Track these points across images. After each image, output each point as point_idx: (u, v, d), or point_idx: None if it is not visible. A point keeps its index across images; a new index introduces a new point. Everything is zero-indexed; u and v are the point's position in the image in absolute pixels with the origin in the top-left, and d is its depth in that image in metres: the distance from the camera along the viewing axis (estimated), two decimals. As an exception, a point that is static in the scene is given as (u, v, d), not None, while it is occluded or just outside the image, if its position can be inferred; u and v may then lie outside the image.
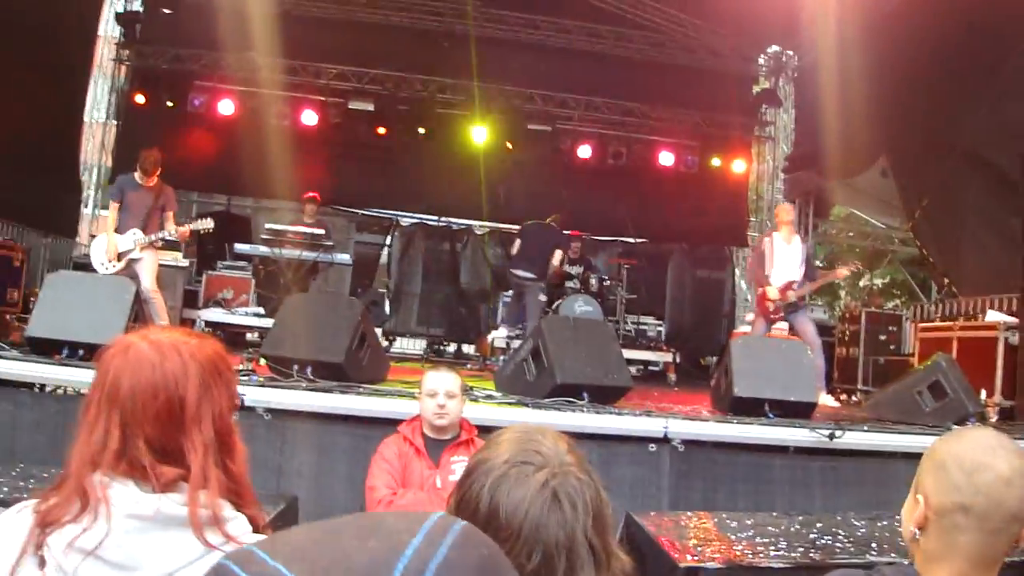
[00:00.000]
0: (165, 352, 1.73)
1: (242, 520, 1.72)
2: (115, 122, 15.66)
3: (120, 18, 15.25)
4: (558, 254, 11.73)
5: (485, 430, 4.63)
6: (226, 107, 14.86)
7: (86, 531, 1.60)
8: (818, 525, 4.11)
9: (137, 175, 9.08)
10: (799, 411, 6.49)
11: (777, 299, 9.07)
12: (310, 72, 15.11)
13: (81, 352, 6.05)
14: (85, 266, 11.28)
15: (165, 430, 1.69)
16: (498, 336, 12.08)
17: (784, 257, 9.26)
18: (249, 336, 12.08)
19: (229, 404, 1.80)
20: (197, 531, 1.64)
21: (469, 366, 11.55)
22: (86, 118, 15.39)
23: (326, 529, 0.89)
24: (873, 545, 3.59)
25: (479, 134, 15.37)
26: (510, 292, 13.87)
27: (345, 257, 11.96)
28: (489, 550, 0.87)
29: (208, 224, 9.50)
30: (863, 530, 4.05)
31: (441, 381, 4.34)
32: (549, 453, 1.45)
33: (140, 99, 14.83)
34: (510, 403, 6.10)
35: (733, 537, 3.89)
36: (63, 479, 1.68)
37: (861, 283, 21.52)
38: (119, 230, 8.92)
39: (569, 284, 12.62)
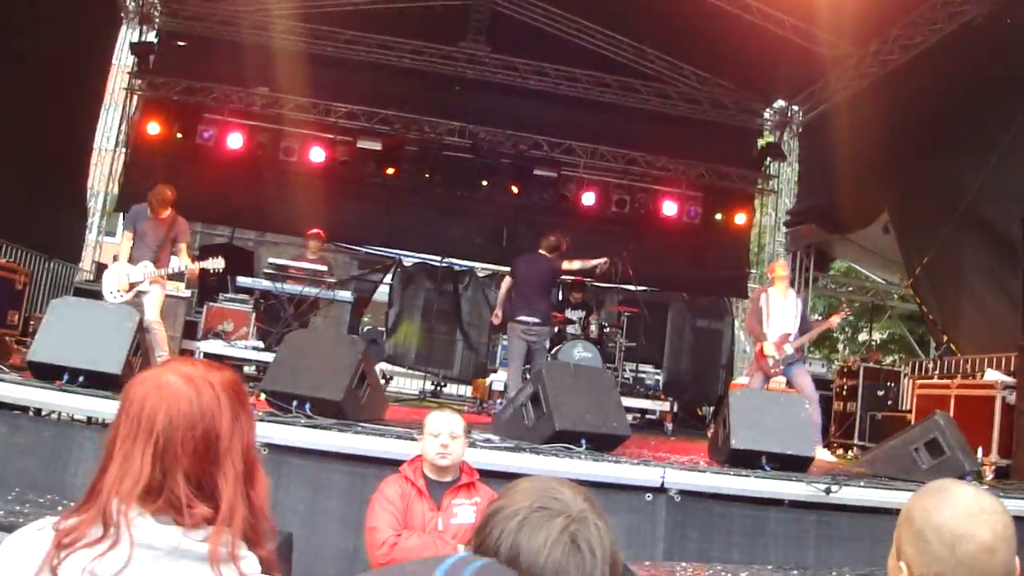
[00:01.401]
0: (199, 385, 1.74)
1: (253, 559, 1.73)
2: (124, 150, 15.76)
3: (134, 48, 15.40)
4: (552, 292, 11.10)
5: (483, 474, 4.64)
6: (235, 140, 14.97)
7: (104, 557, 1.60)
8: (812, 581, 4.11)
9: (150, 209, 9.15)
10: (796, 465, 6.48)
11: (772, 354, 9.12)
12: (320, 110, 15.25)
13: (81, 378, 6.05)
14: (87, 292, 11.33)
15: (202, 463, 1.70)
16: (496, 379, 12.06)
17: (780, 311, 9.31)
18: (247, 369, 12.07)
19: (253, 434, 1.82)
20: (215, 567, 1.65)
21: (466, 408, 11.55)
22: (95, 145, 15.49)
23: None
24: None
25: (484, 178, 15.47)
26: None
27: (346, 294, 11.99)
28: None
29: (219, 264, 9.54)
30: (857, 587, 4.05)
31: (445, 422, 4.35)
32: (567, 500, 1.48)
33: (152, 129, 14.93)
34: (508, 448, 6.08)
35: (728, 590, 3.90)
36: (87, 503, 1.68)
37: (860, 338, 21.53)
38: (131, 260, 8.97)
39: (570, 330, 12.61)
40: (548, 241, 10.76)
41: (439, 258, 15.86)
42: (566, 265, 10.61)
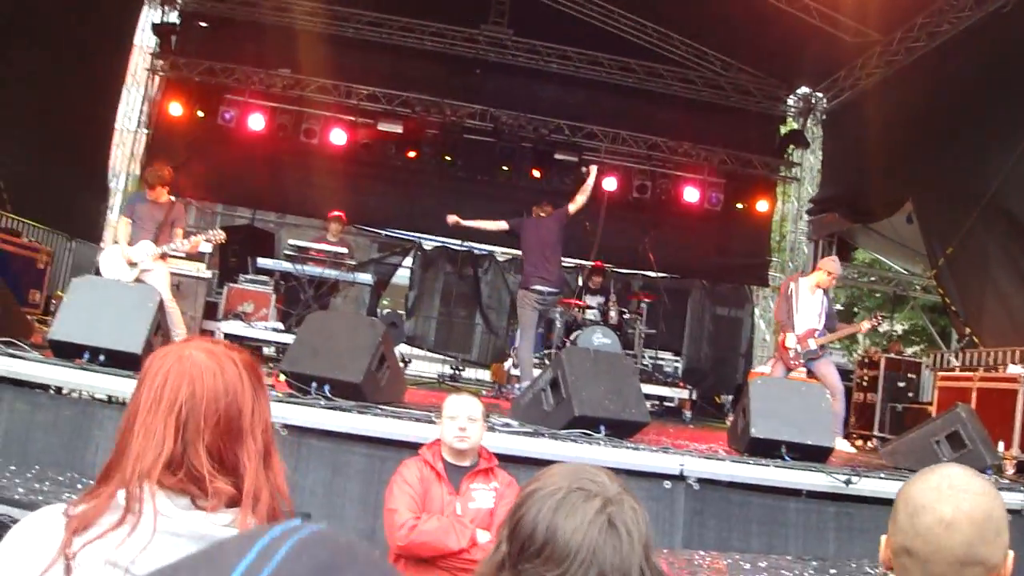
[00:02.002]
0: (222, 361, 1.73)
1: None
2: (146, 131, 15.81)
3: (156, 29, 15.44)
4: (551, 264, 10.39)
5: (502, 459, 4.63)
6: (256, 122, 14.98)
7: (122, 542, 1.57)
8: (832, 571, 4.09)
9: (147, 191, 9.15)
10: (815, 455, 6.45)
11: (794, 346, 9.05)
12: (341, 92, 15.24)
13: (102, 357, 6.09)
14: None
15: (223, 439, 1.68)
16: (515, 364, 12.04)
17: (807, 305, 9.24)
18: (267, 351, 12.11)
19: (270, 415, 1.80)
20: None
21: (484, 392, 11.53)
22: (117, 126, 15.55)
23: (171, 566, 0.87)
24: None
25: (505, 162, 15.44)
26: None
27: (366, 277, 12.01)
28: (331, 554, 0.81)
29: (219, 235, 9.50)
30: (877, 579, 4.01)
31: (463, 405, 4.33)
32: (604, 483, 1.50)
33: (174, 109, 14.97)
34: (527, 432, 6.08)
35: (747, 579, 3.87)
36: (102, 485, 1.65)
37: (881, 328, 21.40)
38: (130, 243, 8.97)
39: (589, 316, 12.58)
40: (543, 207, 10.70)
41: (459, 242, 15.85)
42: (573, 207, 10.39)
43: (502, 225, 10.46)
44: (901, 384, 12.07)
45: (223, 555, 0.82)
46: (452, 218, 10.43)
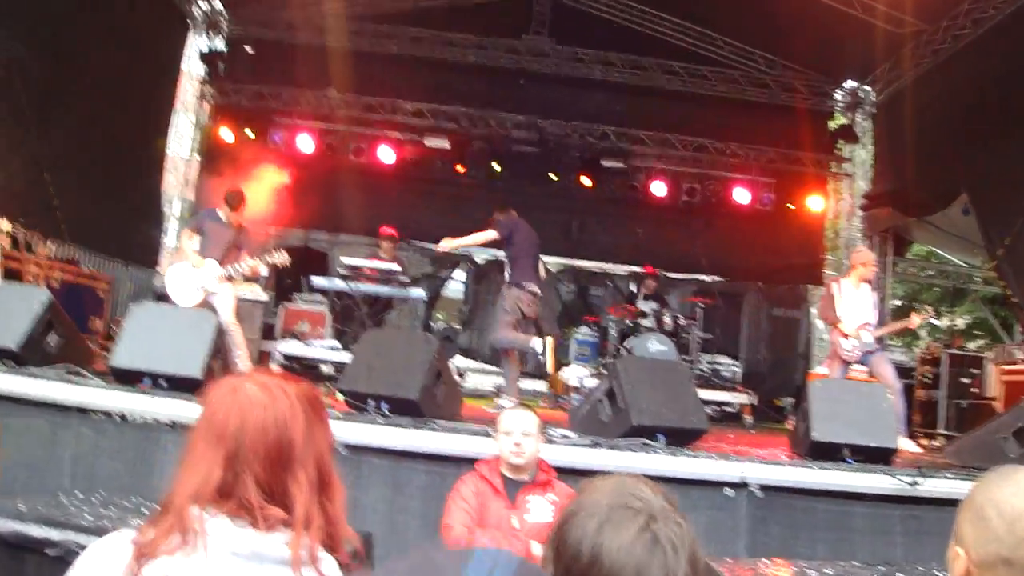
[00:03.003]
0: (274, 393, 1.77)
1: (332, 561, 1.76)
2: (197, 157, 16.07)
3: (204, 56, 15.72)
4: (541, 266, 10.21)
5: (561, 471, 4.62)
6: (305, 143, 15.20)
7: (183, 565, 1.63)
8: (900, 576, 4.02)
9: (222, 211, 9.26)
10: (879, 457, 6.33)
11: (852, 335, 8.90)
12: (387, 109, 15.38)
13: (163, 382, 6.19)
14: (166, 296, 11.57)
15: (273, 469, 1.72)
16: (571, 374, 12.01)
17: (853, 300, 9.09)
18: (324, 369, 12.23)
19: (329, 446, 1.84)
20: (296, 570, 1.67)
21: (541, 403, 11.53)
22: (169, 152, 15.83)
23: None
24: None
25: (552, 171, 15.45)
26: (584, 329, 13.84)
27: (419, 293, 12.07)
28: None
29: (284, 258, 9.61)
30: (948, 582, 3.93)
31: (518, 420, 4.35)
32: (647, 498, 1.49)
33: (224, 134, 15.23)
34: (585, 444, 6.05)
35: (813, 587, 3.82)
36: (163, 512, 1.71)
37: (942, 323, 21.05)
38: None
39: (644, 322, 12.51)
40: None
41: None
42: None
43: (491, 234, 9.86)
44: (964, 380, 11.82)
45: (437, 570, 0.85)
46: (444, 244, 10.06)
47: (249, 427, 1.72)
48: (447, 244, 9.97)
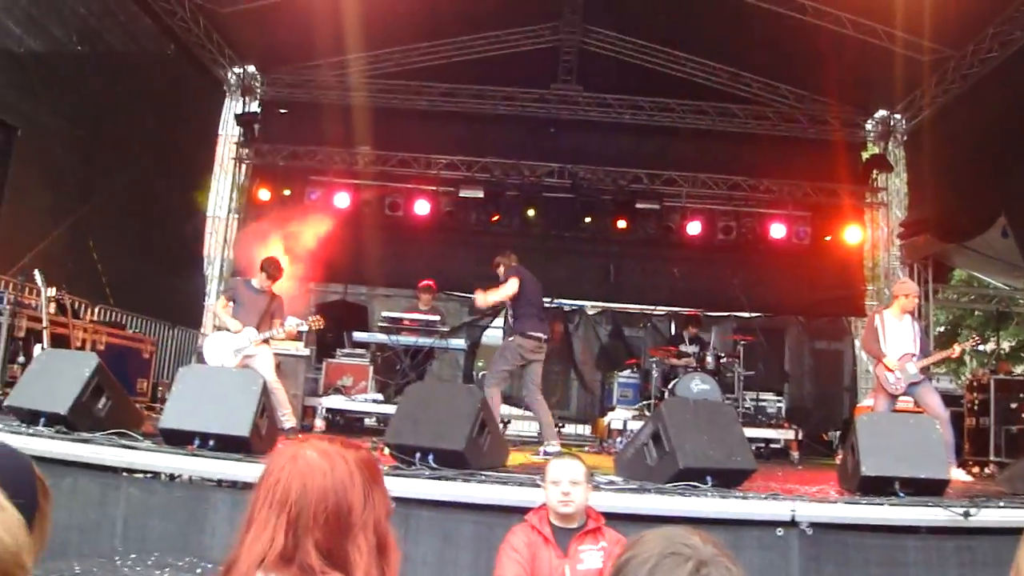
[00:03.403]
0: (333, 459, 1.82)
1: None
2: (236, 216, 16.33)
3: (239, 119, 16.07)
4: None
5: (609, 517, 4.62)
6: (341, 200, 15.43)
7: None
8: (959, 611, 3.96)
9: (256, 280, 9.44)
10: (931, 489, 6.24)
11: (895, 368, 8.81)
12: (421, 163, 15.60)
13: (211, 442, 6.27)
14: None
15: (333, 535, 1.76)
16: (615, 417, 11.97)
17: (896, 332, 9.01)
18: (368, 422, 12.29)
19: (387, 511, 1.87)
20: None
21: (587, 448, 11.49)
22: (208, 213, 16.10)
23: None
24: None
25: (587, 215, 15.54)
26: (626, 372, 13.80)
27: (460, 342, 12.16)
28: None
29: (318, 321, 9.81)
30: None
31: (565, 469, 4.35)
32: (697, 546, 1.49)
33: (262, 194, 15.50)
34: (632, 489, 6.04)
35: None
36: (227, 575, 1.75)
37: (987, 348, 20.74)
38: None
39: (684, 362, 12.47)
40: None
41: (548, 299, 15.89)
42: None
43: (515, 284, 9.63)
44: (1014, 405, 11.61)
45: None
46: (479, 301, 10.05)
47: (310, 493, 1.76)
48: (481, 300, 9.96)
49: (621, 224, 15.68)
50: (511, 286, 9.61)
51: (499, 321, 16.53)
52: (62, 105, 11.05)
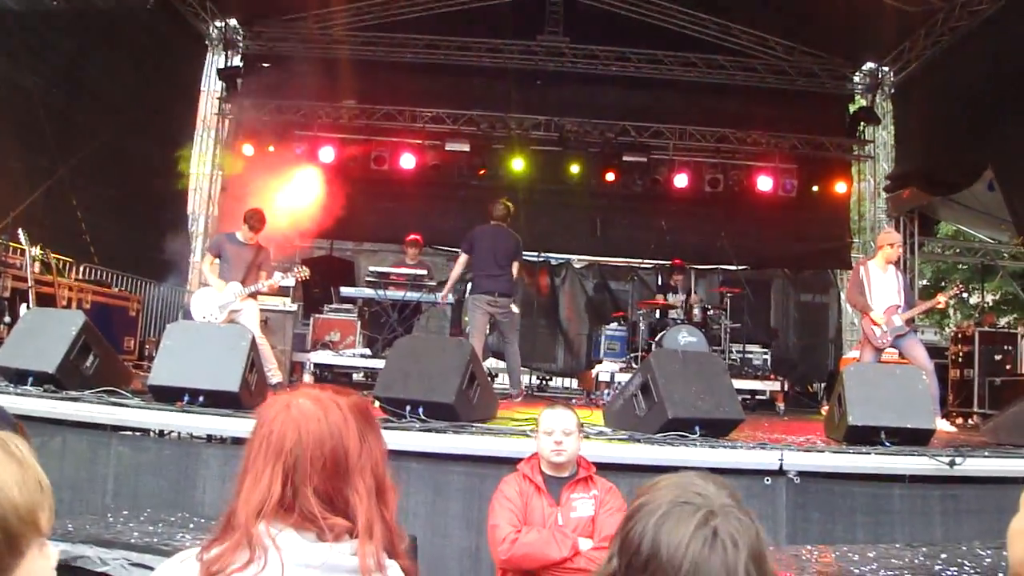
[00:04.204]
0: (327, 406, 1.82)
1: (397, 567, 1.80)
2: (220, 172, 16.21)
3: (221, 73, 15.89)
4: (516, 266, 10.54)
5: (600, 466, 4.66)
6: (326, 154, 15.29)
7: None
8: (943, 556, 4.02)
9: (240, 233, 9.40)
10: (916, 438, 6.32)
11: (880, 321, 8.86)
12: (406, 117, 15.47)
13: (201, 398, 6.27)
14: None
15: (331, 480, 1.77)
16: (602, 370, 12.04)
17: (881, 284, 9.03)
18: (356, 377, 12.32)
19: (383, 453, 1.88)
20: None
21: (575, 401, 11.55)
22: (192, 170, 15.97)
23: None
24: (1000, 575, 3.49)
25: (574, 168, 15.49)
26: (613, 325, 13.85)
27: (448, 296, 12.13)
28: None
29: (304, 272, 9.78)
30: (989, 559, 3.94)
31: (558, 419, 4.38)
32: (710, 495, 1.48)
33: (245, 150, 15.33)
34: (621, 439, 6.08)
35: (856, 571, 3.83)
36: (226, 529, 1.76)
37: (972, 300, 20.88)
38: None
39: (672, 315, 12.52)
40: (499, 209, 10.64)
41: (536, 253, 15.89)
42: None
43: (463, 258, 10.62)
44: (997, 357, 11.75)
45: None
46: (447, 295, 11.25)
47: (306, 440, 1.76)
48: (447, 292, 11.09)
49: (609, 177, 15.63)
50: (458, 264, 10.70)
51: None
52: (40, 65, 10.90)
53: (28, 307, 8.71)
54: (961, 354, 12.20)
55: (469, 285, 10.78)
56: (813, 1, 13.09)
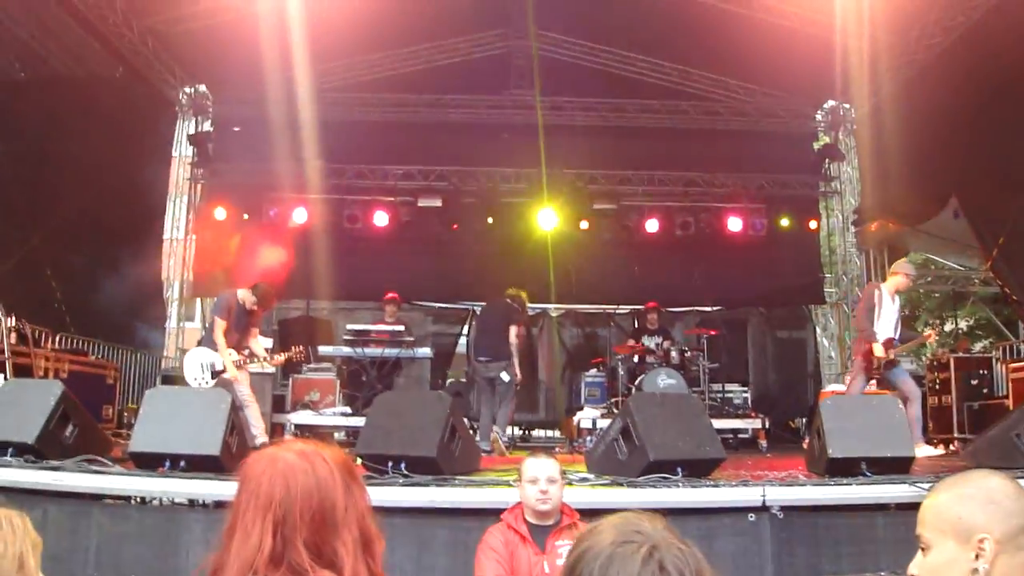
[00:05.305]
0: (312, 459, 1.85)
1: None
2: (193, 237, 16.20)
3: (192, 139, 15.95)
4: (512, 330, 11.13)
5: (583, 513, 4.67)
6: (299, 215, 15.35)
7: None
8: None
9: (243, 297, 9.39)
10: (897, 467, 6.36)
11: (881, 355, 8.98)
12: (378, 175, 15.61)
13: (183, 463, 6.24)
14: (174, 379, 11.66)
15: (319, 532, 1.79)
16: (583, 417, 12.04)
17: (888, 313, 9.22)
18: (337, 436, 12.26)
19: (367, 505, 1.91)
20: None
21: (557, 450, 11.54)
22: (165, 236, 15.95)
23: None
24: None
25: (546, 219, 15.59)
26: (592, 371, 13.90)
27: (425, 351, 12.15)
28: None
29: (301, 351, 9.87)
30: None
31: (542, 467, 4.40)
32: (649, 531, 1.50)
33: (218, 214, 15.35)
34: (605, 484, 6.10)
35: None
36: None
37: (946, 328, 21.07)
38: (213, 348, 9.21)
39: (650, 358, 12.58)
40: (512, 291, 11.53)
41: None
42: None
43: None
44: (974, 382, 11.85)
45: None
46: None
47: (295, 493, 1.79)
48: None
49: (583, 225, 15.75)
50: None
51: (467, 329, 16.58)
52: (9, 135, 10.89)
53: (5, 378, 8.65)
54: (938, 381, 12.29)
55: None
56: (769, 44, 13.29)
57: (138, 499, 6.30)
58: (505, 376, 10.90)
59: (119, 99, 13.40)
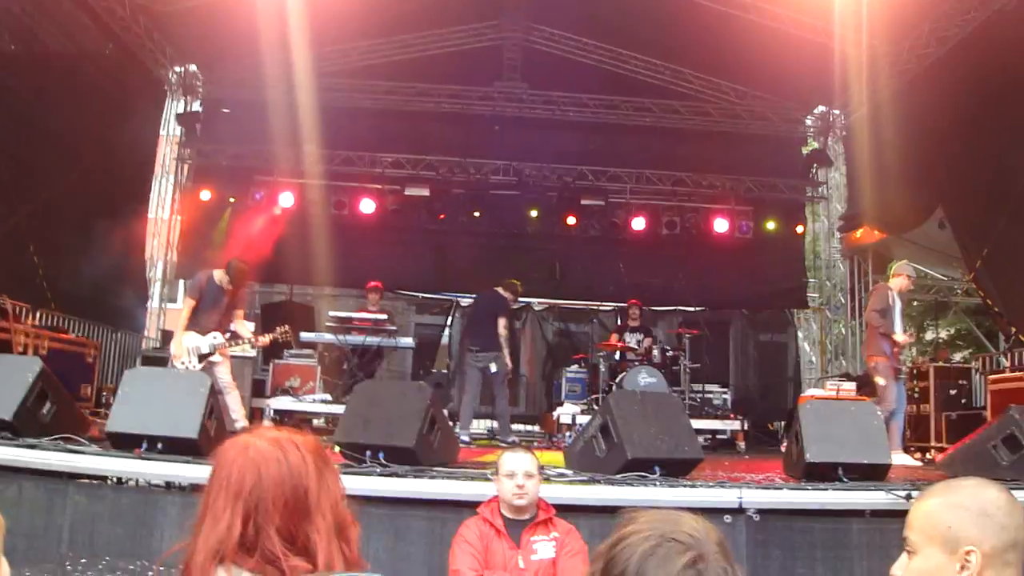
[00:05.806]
0: (284, 446, 1.84)
1: None
2: (178, 217, 16.12)
3: (180, 119, 15.84)
4: (501, 321, 11.23)
5: (560, 508, 4.67)
6: (286, 199, 15.28)
7: None
8: (902, 590, 4.05)
9: (219, 278, 9.31)
10: (874, 473, 6.38)
11: (905, 341, 9.10)
12: (366, 162, 15.54)
13: (159, 445, 6.20)
14: (154, 359, 11.61)
15: (292, 519, 1.78)
16: (563, 412, 12.06)
17: (899, 313, 9.32)
18: (316, 422, 12.24)
19: (340, 491, 1.90)
20: None
21: (536, 444, 11.55)
22: (151, 215, 15.86)
23: None
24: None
25: (533, 213, 15.58)
26: (573, 367, 13.91)
27: (408, 341, 12.14)
28: None
29: (286, 331, 9.75)
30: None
31: (519, 462, 4.40)
32: (697, 535, 1.45)
33: (204, 195, 15.29)
34: (582, 480, 6.10)
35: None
36: (184, 573, 1.77)
37: (926, 337, 21.16)
38: (199, 331, 9.16)
39: (631, 356, 12.60)
40: (507, 282, 11.65)
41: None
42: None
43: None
44: (953, 392, 11.91)
45: None
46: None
47: (266, 481, 1.78)
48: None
49: (570, 221, 15.77)
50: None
51: (450, 320, 16.57)
52: (-6, 107, 10.82)
53: (-17, 354, 8.60)
54: (917, 390, 12.34)
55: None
56: (762, 47, 13.32)
57: (114, 479, 6.28)
58: (494, 367, 10.92)
59: (108, 76, 13.30)
